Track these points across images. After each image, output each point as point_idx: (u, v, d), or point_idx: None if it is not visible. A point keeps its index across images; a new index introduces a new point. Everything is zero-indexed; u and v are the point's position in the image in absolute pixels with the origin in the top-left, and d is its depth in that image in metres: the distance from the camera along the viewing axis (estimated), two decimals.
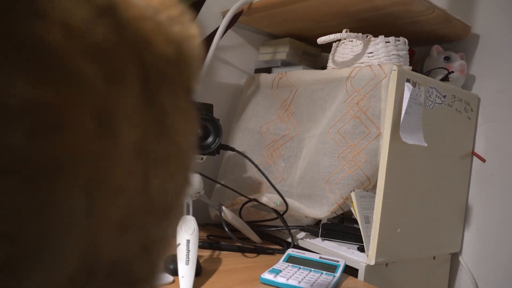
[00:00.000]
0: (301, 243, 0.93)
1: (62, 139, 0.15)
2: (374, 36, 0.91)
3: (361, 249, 0.83)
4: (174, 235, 0.21)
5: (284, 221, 0.93)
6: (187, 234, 0.72)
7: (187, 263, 0.68)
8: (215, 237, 0.94)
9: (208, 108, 0.89)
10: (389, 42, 0.90)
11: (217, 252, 0.86)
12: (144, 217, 0.19)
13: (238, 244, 0.88)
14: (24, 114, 0.14)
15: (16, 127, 0.14)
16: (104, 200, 0.17)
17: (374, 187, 0.83)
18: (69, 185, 0.16)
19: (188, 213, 0.78)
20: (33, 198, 0.14)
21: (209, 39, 0.98)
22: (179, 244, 0.71)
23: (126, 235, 0.18)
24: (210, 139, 0.80)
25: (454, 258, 1.05)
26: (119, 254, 0.18)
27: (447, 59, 1.04)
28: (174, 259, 0.71)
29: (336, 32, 0.94)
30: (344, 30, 0.93)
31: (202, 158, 0.86)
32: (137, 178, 0.19)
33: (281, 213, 0.94)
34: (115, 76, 0.18)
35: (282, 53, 1.16)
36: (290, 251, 0.82)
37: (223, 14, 1.11)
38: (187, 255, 0.69)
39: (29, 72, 0.14)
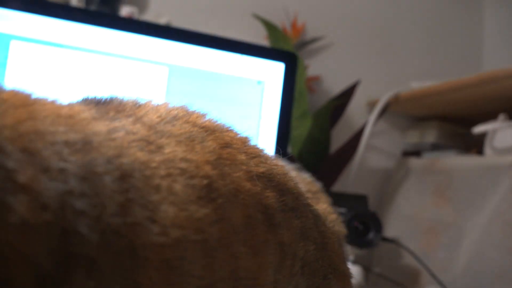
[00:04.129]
0: None
1: None
2: None
3: None
4: None
5: None
6: None
7: None
8: None
9: (363, 200, 0.94)
10: None
11: None
12: None
13: None
14: None
15: None
16: None
17: None
18: None
19: None
20: None
21: (357, 133, 1.05)
22: None
23: None
24: (371, 234, 0.84)
25: None
26: None
27: None
28: None
29: (488, 114, 0.93)
30: (501, 116, 0.91)
31: (360, 249, 0.89)
32: None
33: None
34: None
35: (431, 135, 1.16)
36: None
37: (369, 104, 1.18)
38: None
39: None
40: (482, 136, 1.00)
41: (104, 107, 0.24)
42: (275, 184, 0.26)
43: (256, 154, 0.27)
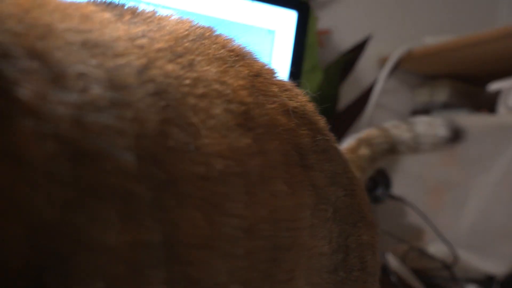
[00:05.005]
0: None
1: None
2: None
3: None
4: None
5: (452, 274, 0.90)
6: None
7: None
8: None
9: None
10: None
11: None
12: None
13: None
14: None
15: None
16: None
17: None
18: None
19: None
20: None
21: (367, 91, 1.02)
22: None
23: None
24: (379, 190, 0.83)
25: None
26: None
27: None
28: None
29: (503, 73, 0.90)
30: None
31: None
32: None
33: (449, 264, 0.91)
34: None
35: (442, 94, 1.13)
36: None
37: (380, 61, 1.14)
38: None
39: None
40: (495, 96, 0.97)
41: (117, 9, 0.20)
42: (308, 122, 0.24)
43: (287, 88, 0.25)
